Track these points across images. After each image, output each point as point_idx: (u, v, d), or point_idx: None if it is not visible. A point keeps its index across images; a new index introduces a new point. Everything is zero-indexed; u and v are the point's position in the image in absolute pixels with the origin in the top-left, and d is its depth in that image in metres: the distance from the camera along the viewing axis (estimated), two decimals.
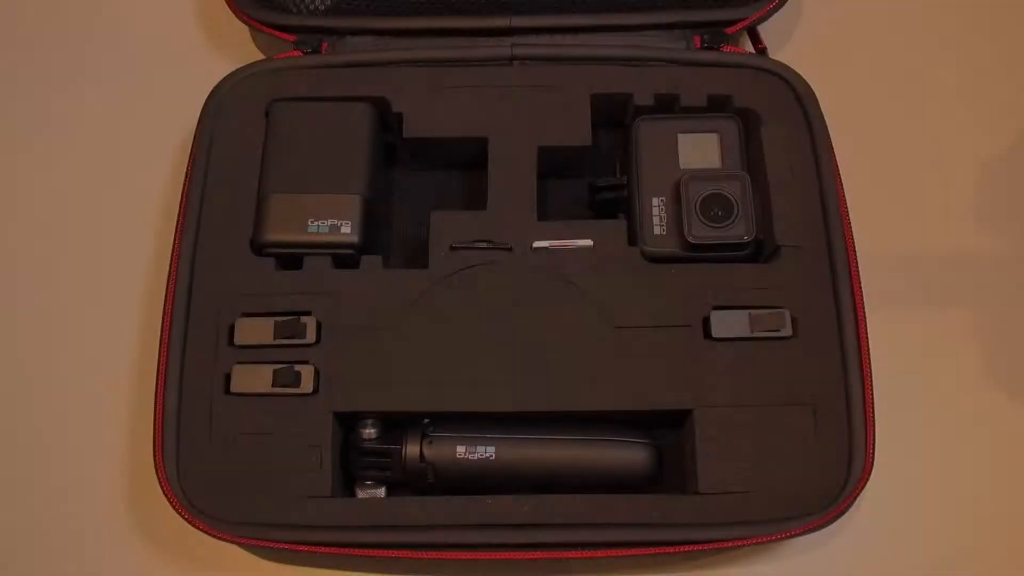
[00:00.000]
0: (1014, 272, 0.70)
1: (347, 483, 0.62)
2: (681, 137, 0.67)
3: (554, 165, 0.69)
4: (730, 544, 0.58)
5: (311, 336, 0.62)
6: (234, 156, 0.67)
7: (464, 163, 0.71)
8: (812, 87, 0.68)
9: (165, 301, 0.63)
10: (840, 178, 0.66)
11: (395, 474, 0.60)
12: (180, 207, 0.66)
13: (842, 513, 0.58)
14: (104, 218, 0.73)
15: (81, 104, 0.77)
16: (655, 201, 0.66)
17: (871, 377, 0.61)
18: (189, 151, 0.67)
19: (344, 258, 0.65)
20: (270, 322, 0.62)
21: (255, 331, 0.62)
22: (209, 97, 0.69)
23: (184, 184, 0.66)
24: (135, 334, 0.69)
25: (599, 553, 0.58)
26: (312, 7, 0.71)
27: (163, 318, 0.63)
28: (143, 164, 0.74)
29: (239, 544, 0.60)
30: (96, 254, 0.72)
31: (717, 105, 0.68)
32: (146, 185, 0.74)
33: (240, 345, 0.62)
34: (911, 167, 0.74)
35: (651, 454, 0.61)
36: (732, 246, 0.64)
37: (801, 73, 0.69)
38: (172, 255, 0.64)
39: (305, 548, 0.58)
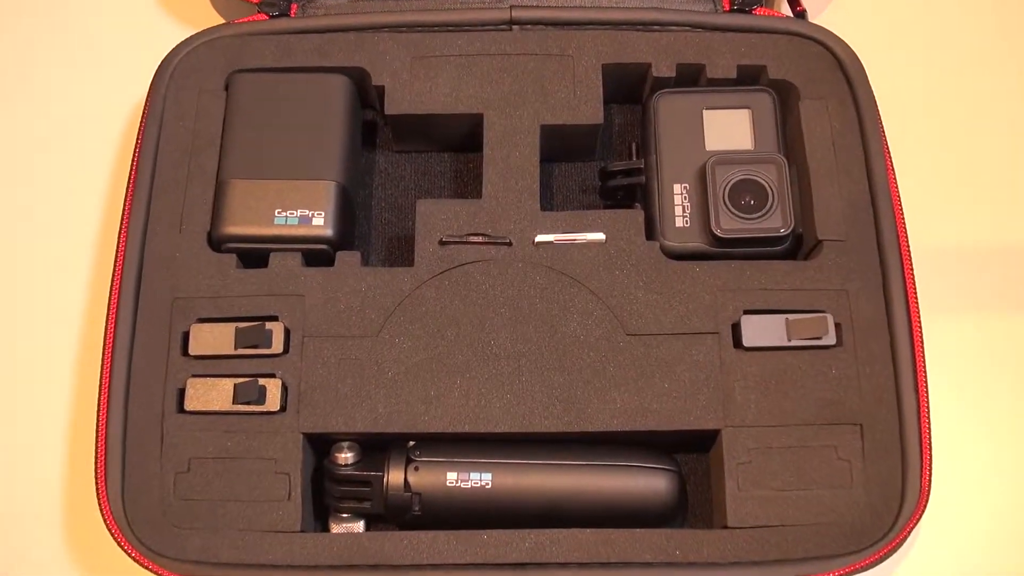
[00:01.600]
0: None
1: (320, 516, 0.62)
2: (707, 114, 0.67)
3: (560, 147, 0.69)
4: None
5: (278, 345, 0.62)
6: (189, 136, 0.66)
7: (455, 144, 0.71)
8: (858, 56, 0.68)
9: (109, 304, 0.63)
10: (891, 162, 0.66)
11: (375, 505, 0.60)
12: (126, 195, 0.65)
13: (895, 549, 0.58)
14: (40, 207, 0.73)
15: (16, 77, 0.76)
16: (677, 188, 0.66)
17: (927, 392, 0.61)
18: (137, 130, 0.67)
19: (316, 254, 0.64)
20: (230, 328, 0.62)
21: (213, 339, 0.62)
22: (160, 68, 0.68)
23: (131, 168, 0.66)
24: (74, 341, 0.69)
25: None
26: None
27: (106, 323, 0.62)
28: (84, 145, 0.74)
29: None
30: (31, 248, 0.72)
31: (749, 77, 0.68)
32: (88, 170, 0.73)
33: (196, 355, 0.62)
34: (972, 150, 0.73)
35: (672, 482, 0.61)
36: (766, 240, 0.64)
37: (846, 40, 0.68)
38: (117, 250, 0.64)
39: None
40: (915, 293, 0.62)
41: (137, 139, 0.66)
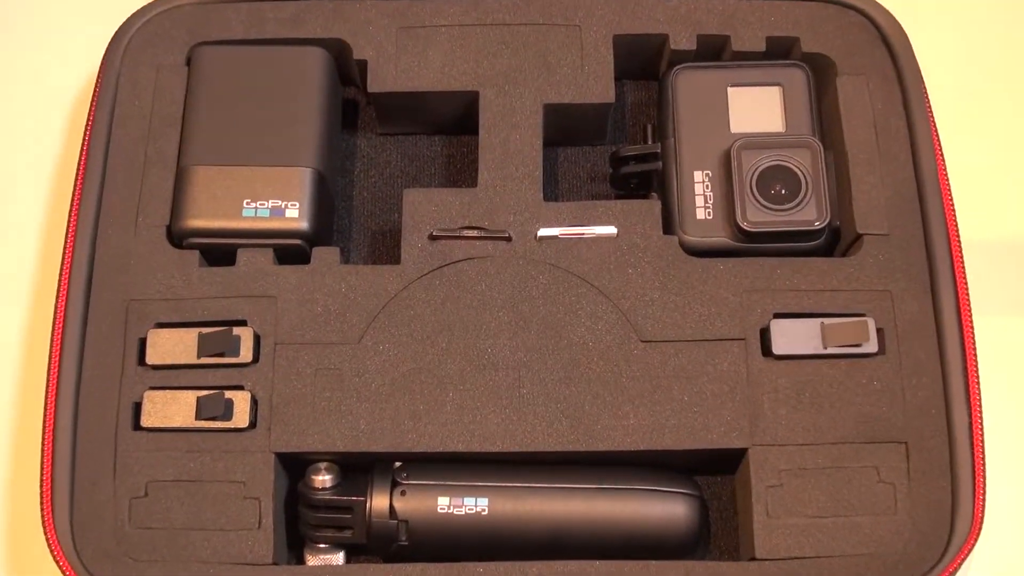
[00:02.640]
0: None
1: (294, 546, 0.62)
2: (732, 92, 0.67)
3: (565, 129, 0.69)
4: None
5: (246, 353, 0.61)
6: (146, 118, 0.66)
7: (447, 126, 0.71)
8: (903, 27, 0.68)
9: (56, 308, 0.62)
10: (940, 146, 0.66)
11: (357, 535, 0.60)
12: (75, 185, 0.65)
13: None
14: None
15: None
16: (698, 176, 0.65)
17: (980, 405, 0.60)
18: (87, 112, 0.67)
19: (290, 251, 0.64)
20: (193, 334, 0.62)
21: (173, 346, 0.62)
22: (113, 40, 0.68)
23: (81, 155, 0.66)
24: (17, 350, 0.69)
25: None
26: None
27: (53, 330, 0.62)
28: (27, 129, 0.74)
29: None
30: None
31: (780, 50, 0.68)
32: (31, 157, 0.73)
33: (154, 365, 0.62)
34: None
35: (693, 508, 0.60)
36: (799, 234, 0.64)
37: (889, 8, 0.68)
38: (65, 247, 0.64)
39: None
40: (966, 294, 0.62)
41: (87, 122, 0.66)
